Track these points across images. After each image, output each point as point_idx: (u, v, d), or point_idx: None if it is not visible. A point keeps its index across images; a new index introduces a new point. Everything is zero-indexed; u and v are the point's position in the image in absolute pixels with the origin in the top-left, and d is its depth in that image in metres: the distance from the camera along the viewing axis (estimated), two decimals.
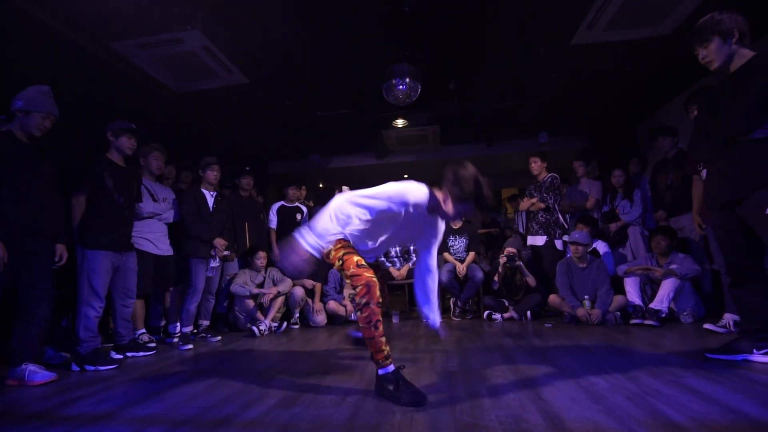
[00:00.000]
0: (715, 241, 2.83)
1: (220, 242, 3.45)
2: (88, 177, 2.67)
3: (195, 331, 3.48)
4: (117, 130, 2.79)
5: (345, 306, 4.23)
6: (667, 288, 3.30)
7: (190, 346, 3.10)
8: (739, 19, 1.95)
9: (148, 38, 3.32)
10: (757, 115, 1.86)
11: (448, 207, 1.77)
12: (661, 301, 3.27)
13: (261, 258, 3.98)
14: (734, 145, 1.95)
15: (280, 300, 3.91)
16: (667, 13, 3.35)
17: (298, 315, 4.15)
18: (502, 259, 4.01)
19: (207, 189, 3.53)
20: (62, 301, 2.86)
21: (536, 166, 4.35)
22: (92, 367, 2.45)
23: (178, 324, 3.40)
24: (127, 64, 3.63)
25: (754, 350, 1.99)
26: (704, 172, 2.85)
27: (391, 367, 1.67)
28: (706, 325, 2.92)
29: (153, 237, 3.22)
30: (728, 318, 2.84)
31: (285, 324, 3.93)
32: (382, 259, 4.39)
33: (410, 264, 4.35)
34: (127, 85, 3.91)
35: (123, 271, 2.81)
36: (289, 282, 4.03)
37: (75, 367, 2.47)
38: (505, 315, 3.98)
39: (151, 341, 3.10)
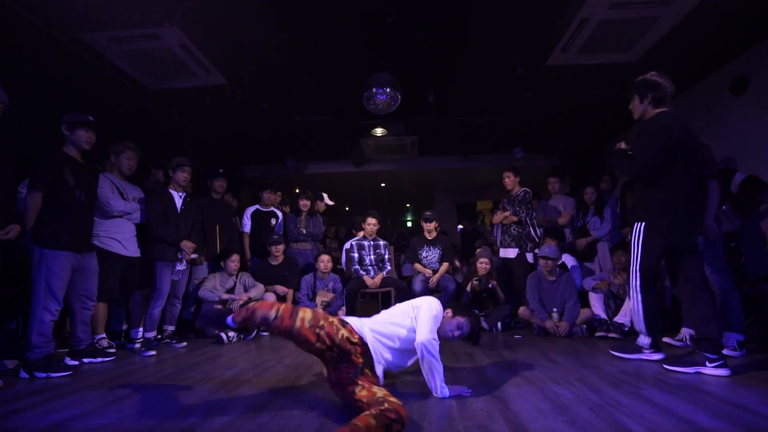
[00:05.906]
0: None
1: (187, 245, 3.34)
2: (45, 172, 2.49)
3: (159, 336, 3.34)
4: (72, 123, 2.60)
5: None
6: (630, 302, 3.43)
7: (153, 353, 2.97)
8: (659, 85, 2.31)
9: (122, 32, 3.21)
10: (649, 166, 2.26)
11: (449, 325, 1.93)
12: (624, 315, 3.40)
13: (234, 261, 3.87)
14: (638, 186, 2.41)
15: None
16: (633, 43, 3.58)
17: None
18: (475, 283, 4.05)
19: (175, 190, 3.42)
20: (9, 302, 2.68)
21: (509, 180, 4.46)
22: (43, 374, 2.29)
23: (141, 329, 3.25)
24: (97, 57, 3.49)
25: (707, 363, 2.10)
26: None
27: None
28: (665, 339, 3.05)
29: (122, 237, 3.08)
30: (685, 332, 2.99)
31: (255, 331, 3.83)
32: (356, 267, 4.36)
33: (384, 273, 4.34)
34: (96, 78, 3.76)
35: (83, 272, 2.66)
36: (261, 288, 3.93)
37: (23, 374, 2.30)
38: None
39: (110, 347, 2.95)
